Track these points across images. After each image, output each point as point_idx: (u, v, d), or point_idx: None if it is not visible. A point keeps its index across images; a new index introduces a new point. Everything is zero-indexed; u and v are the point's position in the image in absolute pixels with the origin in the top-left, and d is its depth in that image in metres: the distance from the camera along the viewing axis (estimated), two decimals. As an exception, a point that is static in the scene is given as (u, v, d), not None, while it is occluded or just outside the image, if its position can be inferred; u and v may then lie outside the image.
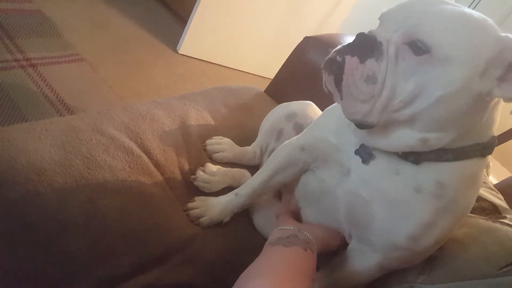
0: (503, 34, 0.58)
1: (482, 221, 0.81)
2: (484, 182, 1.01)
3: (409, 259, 0.73)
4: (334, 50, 0.64)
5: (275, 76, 1.47)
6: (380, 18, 0.65)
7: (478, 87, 0.58)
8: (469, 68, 0.57)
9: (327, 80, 0.64)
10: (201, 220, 0.90)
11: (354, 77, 0.60)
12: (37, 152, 0.74)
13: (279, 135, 1.06)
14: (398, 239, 0.68)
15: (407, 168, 0.67)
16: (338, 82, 0.62)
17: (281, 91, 1.42)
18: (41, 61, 1.76)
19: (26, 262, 0.66)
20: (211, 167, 0.99)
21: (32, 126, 0.79)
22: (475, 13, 0.60)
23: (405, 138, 0.63)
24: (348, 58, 0.60)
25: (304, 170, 0.89)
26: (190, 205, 0.91)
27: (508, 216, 0.86)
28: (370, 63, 0.59)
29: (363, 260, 0.75)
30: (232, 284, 0.59)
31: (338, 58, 0.62)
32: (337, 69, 0.61)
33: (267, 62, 2.59)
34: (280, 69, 1.47)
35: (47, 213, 0.69)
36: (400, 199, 0.68)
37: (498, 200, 0.94)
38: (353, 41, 0.62)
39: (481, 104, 0.60)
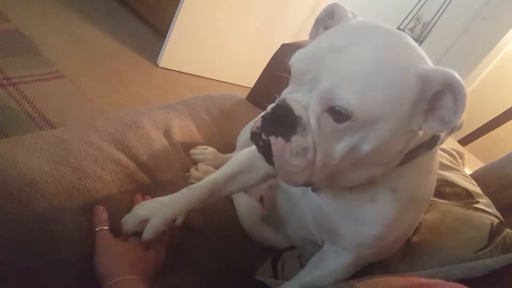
0: (422, 68, 0.56)
1: (457, 208, 0.86)
2: (458, 171, 1.06)
3: (382, 254, 0.77)
4: (255, 124, 0.62)
5: (255, 83, 1.51)
6: (291, 70, 0.62)
7: (409, 127, 0.58)
8: (396, 119, 0.56)
9: (260, 157, 0.63)
10: (144, 234, 0.76)
11: (284, 157, 0.58)
12: (27, 164, 0.75)
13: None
14: (366, 240, 0.71)
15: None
16: (270, 162, 0.60)
17: (261, 97, 1.45)
18: (22, 80, 1.76)
19: (21, 272, 0.67)
20: (203, 165, 1.02)
21: (20, 140, 0.80)
22: (393, 47, 0.58)
23: (352, 178, 0.64)
24: (272, 139, 0.58)
25: (270, 179, 0.90)
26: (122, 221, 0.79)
27: (480, 200, 0.90)
28: (296, 139, 0.57)
29: (337, 259, 0.77)
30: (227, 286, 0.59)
31: (263, 136, 0.59)
32: (265, 149, 0.60)
33: (247, 72, 2.63)
34: (259, 76, 1.50)
35: (41, 223, 0.70)
36: (358, 210, 0.70)
37: (472, 186, 0.98)
38: (271, 115, 0.60)
39: (416, 133, 0.61)
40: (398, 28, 3.16)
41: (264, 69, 1.49)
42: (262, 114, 0.62)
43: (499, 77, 2.91)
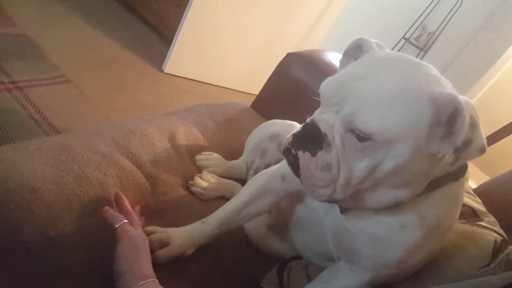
0: (435, 91, 0.59)
1: (460, 225, 0.85)
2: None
3: (399, 275, 0.76)
4: (286, 140, 0.68)
5: (260, 91, 1.51)
6: (321, 94, 0.68)
7: (427, 149, 0.60)
8: (413, 140, 0.59)
9: (290, 169, 0.68)
10: (159, 253, 0.79)
11: (310, 170, 0.63)
12: (30, 171, 0.75)
13: (263, 154, 1.09)
14: (387, 262, 0.72)
15: (387, 208, 0.69)
16: (297, 174, 0.66)
17: (266, 105, 1.46)
18: (27, 84, 1.77)
19: (21, 279, 0.67)
20: (207, 173, 1.03)
21: (24, 146, 0.80)
22: (411, 75, 0.61)
23: (378, 199, 0.67)
24: (300, 153, 0.64)
25: (286, 199, 0.90)
26: (149, 229, 0.81)
27: (485, 219, 0.89)
28: (321, 155, 0.63)
29: (353, 277, 0.77)
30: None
31: (293, 151, 0.66)
32: (293, 162, 0.66)
33: (251, 79, 2.64)
34: (264, 85, 1.51)
35: (41, 230, 0.70)
36: (384, 234, 0.71)
37: (477, 204, 0.97)
38: (301, 132, 0.66)
39: (437, 157, 0.63)
40: (404, 37, 3.17)
41: (269, 77, 1.49)
42: (294, 132, 0.68)
43: (503, 89, 2.90)
